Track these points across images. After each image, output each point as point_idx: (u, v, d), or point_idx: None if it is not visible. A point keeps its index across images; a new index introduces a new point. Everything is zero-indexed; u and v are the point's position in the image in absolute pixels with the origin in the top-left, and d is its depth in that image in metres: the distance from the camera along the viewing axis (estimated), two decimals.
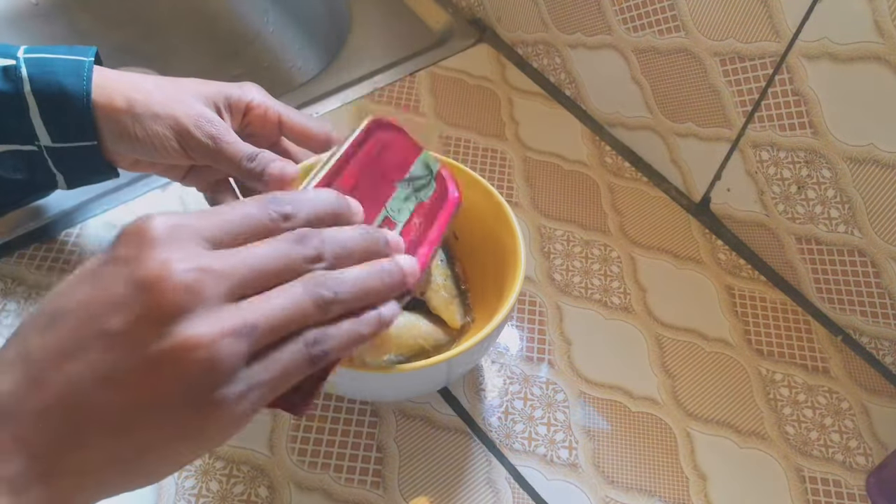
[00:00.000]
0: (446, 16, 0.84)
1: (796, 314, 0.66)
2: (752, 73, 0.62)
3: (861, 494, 0.56)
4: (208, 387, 0.30)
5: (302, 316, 0.33)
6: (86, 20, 0.91)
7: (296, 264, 0.34)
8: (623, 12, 0.69)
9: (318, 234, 0.35)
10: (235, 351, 0.30)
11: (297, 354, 0.33)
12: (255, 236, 0.34)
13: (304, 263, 0.34)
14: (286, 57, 0.93)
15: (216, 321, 0.30)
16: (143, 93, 0.52)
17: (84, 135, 0.51)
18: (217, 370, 0.30)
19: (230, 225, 0.33)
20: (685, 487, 0.55)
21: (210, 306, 0.30)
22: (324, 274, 0.34)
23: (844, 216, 0.61)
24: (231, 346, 0.30)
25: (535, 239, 0.68)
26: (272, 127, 0.56)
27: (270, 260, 0.33)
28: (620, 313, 0.64)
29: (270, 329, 0.32)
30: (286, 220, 0.35)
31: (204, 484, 0.52)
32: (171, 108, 0.52)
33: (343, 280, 0.35)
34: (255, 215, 0.34)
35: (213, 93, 0.54)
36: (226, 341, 0.30)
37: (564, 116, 0.78)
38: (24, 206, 0.62)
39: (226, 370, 0.30)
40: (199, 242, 0.32)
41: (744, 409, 0.60)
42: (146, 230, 0.31)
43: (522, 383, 0.59)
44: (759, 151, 0.64)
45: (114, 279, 0.31)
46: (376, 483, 0.53)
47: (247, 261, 0.32)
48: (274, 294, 0.33)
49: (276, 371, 0.32)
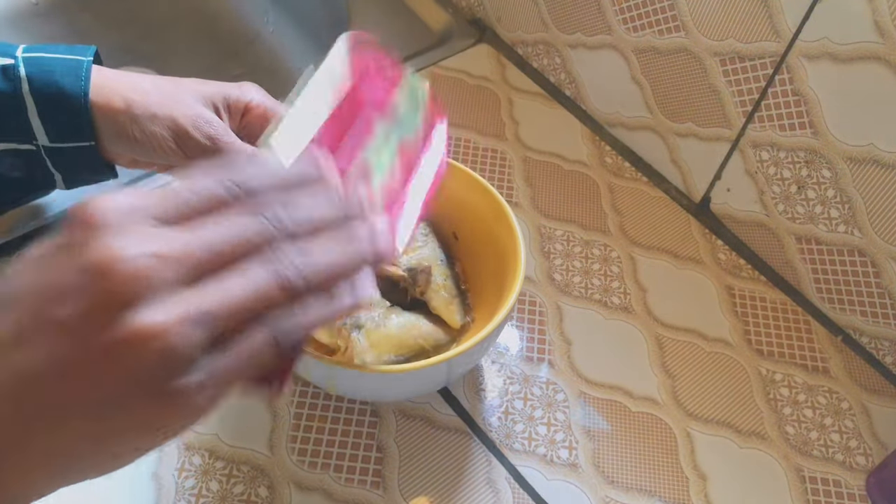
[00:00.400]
0: (446, 16, 0.84)
1: (796, 314, 0.66)
2: (752, 73, 0.62)
3: (861, 494, 0.56)
4: (164, 377, 0.29)
5: (265, 298, 0.31)
6: (86, 20, 0.91)
7: (257, 241, 0.31)
8: (623, 12, 0.69)
9: (283, 207, 0.32)
10: (191, 339, 0.29)
11: (261, 341, 0.31)
12: (211, 211, 0.31)
13: (267, 241, 0.31)
14: (286, 57, 0.93)
15: (170, 308, 0.29)
16: (141, 93, 0.52)
17: (81, 135, 0.51)
18: (172, 359, 0.29)
19: (183, 201, 0.31)
20: (685, 487, 0.55)
21: (163, 292, 0.29)
22: (288, 252, 0.32)
23: (844, 216, 0.61)
24: (186, 335, 0.29)
25: (535, 239, 0.68)
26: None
27: (227, 238, 0.31)
28: (620, 313, 0.64)
29: (229, 314, 0.30)
30: (247, 194, 0.32)
31: (204, 484, 0.52)
32: (170, 109, 0.52)
33: (309, 259, 0.32)
34: (210, 188, 0.31)
35: (212, 93, 0.54)
36: (181, 329, 0.28)
37: (564, 116, 0.78)
38: (23, 205, 0.62)
39: (182, 359, 0.29)
40: (150, 223, 0.30)
41: (744, 409, 0.60)
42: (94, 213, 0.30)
43: (522, 383, 0.59)
44: (759, 151, 0.64)
45: (63, 266, 0.29)
46: (376, 483, 0.53)
47: (203, 239, 0.30)
48: (232, 276, 0.30)
49: (239, 358, 0.30)
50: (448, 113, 0.75)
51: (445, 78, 0.79)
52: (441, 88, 0.77)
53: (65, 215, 0.31)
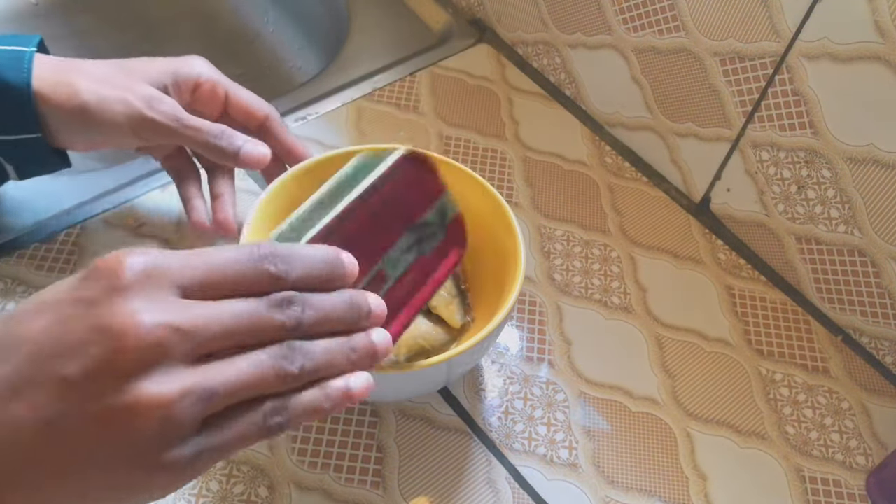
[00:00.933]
0: (446, 16, 0.84)
1: (796, 314, 0.66)
2: (752, 73, 0.62)
3: (861, 494, 0.56)
4: (158, 448, 0.29)
5: (263, 384, 0.32)
6: (86, 20, 0.91)
7: (271, 329, 0.32)
8: (623, 12, 0.69)
9: (302, 301, 0.33)
10: (191, 414, 0.29)
11: (253, 424, 0.31)
12: (238, 290, 0.32)
13: (279, 331, 0.32)
14: (286, 57, 0.93)
15: (176, 381, 0.29)
16: (88, 79, 0.51)
17: (26, 127, 0.50)
18: (170, 432, 0.29)
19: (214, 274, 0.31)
20: (685, 487, 0.55)
21: (172, 365, 0.29)
22: (292, 344, 0.33)
23: (844, 216, 0.61)
24: (187, 409, 0.29)
25: (535, 239, 0.68)
26: (218, 102, 0.57)
27: (245, 322, 0.31)
28: (620, 313, 0.64)
29: (228, 394, 0.31)
30: (275, 281, 0.33)
31: (204, 484, 0.52)
32: (121, 92, 0.51)
33: (311, 353, 0.33)
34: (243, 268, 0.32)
35: (160, 71, 0.54)
36: (183, 404, 0.29)
37: (564, 116, 0.78)
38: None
39: (178, 433, 0.29)
40: (173, 290, 0.30)
41: (744, 409, 0.60)
42: (119, 271, 0.29)
43: (522, 383, 0.59)
44: (759, 151, 0.64)
45: (77, 319, 0.29)
46: (376, 483, 0.53)
47: (220, 318, 0.31)
48: (240, 360, 0.31)
49: (229, 438, 0.31)
50: (448, 113, 0.75)
51: (445, 78, 0.79)
52: (441, 88, 0.78)
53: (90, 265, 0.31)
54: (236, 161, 0.55)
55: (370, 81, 0.77)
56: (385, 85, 0.77)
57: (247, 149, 0.54)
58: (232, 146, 0.54)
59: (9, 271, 0.59)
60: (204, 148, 0.54)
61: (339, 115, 0.74)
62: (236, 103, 0.57)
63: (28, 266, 0.60)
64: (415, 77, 0.78)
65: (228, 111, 0.58)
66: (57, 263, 0.60)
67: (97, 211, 0.64)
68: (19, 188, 0.63)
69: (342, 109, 0.75)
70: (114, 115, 0.51)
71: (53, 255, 0.61)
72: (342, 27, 0.84)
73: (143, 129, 0.52)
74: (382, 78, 0.78)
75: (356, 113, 0.74)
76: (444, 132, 0.74)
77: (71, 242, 0.62)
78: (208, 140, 0.54)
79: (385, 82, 0.77)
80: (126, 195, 0.65)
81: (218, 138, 0.54)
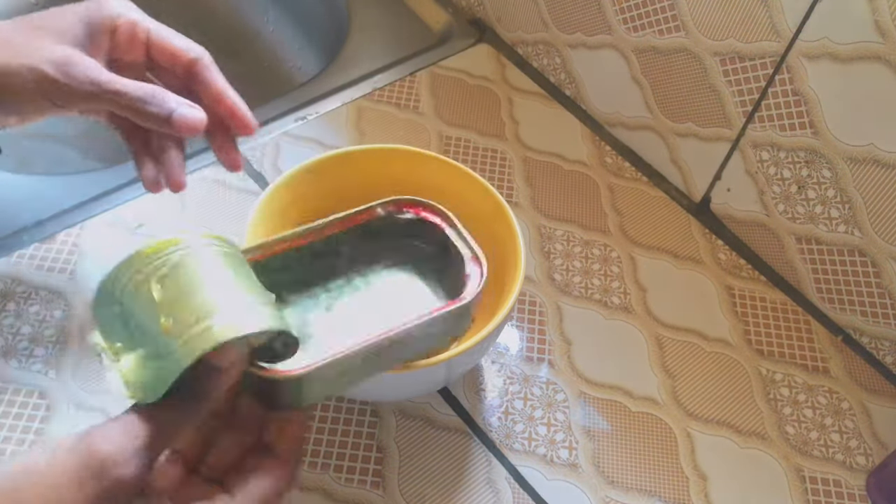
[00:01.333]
0: (446, 16, 0.84)
1: (796, 314, 0.66)
2: (752, 73, 0.62)
3: (861, 494, 0.56)
4: None
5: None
6: None
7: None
8: (623, 12, 0.69)
9: None
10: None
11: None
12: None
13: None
14: (286, 57, 0.93)
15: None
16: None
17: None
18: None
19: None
20: (685, 487, 0.55)
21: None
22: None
23: (844, 216, 0.61)
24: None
25: (535, 239, 0.68)
26: (140, 46, 0.50)
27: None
28: (620, 313, 0.64)
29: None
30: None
31: None
32: (26, 57, 0.45)
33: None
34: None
35: (71, 23, 0.47)
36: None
37: (564, 116, 0.78)
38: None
39: None
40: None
41: (744, 409, 0.60)
42: (122, 478, 0.32)
43: (522, 383, 0.59)
44: (760, 151, 0.64)
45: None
46: (376, 483, 0.53)
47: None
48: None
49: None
50: (448, 113, 0.75)
51: (445, 78, 0.79)
52: (441, 88, 0.77)
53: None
54: (169, 127, 0.47)
55: (370, 81, 0.77)
56: (385, 85, 0.77)
57: (180, 112, 0.47)
58: (162, 111, 0.47)
59: (9, 271, 0.59)
60: (130, 113, 0.47)
61: (339, 115, 0.74)
62: (158, 44, 0.50)
63: (28, 266, 0.60)
64: (415, 77, 0.78)
65: (151, 54, 0.50)
66: (57, 263, 0.60)
67: (97, 211, 0.64)
68: (19, 188, 0.64)
69: (342, 109, 0.75)
70: (23, 86, 0.45)
71: (53, 255, 0.61)
72: (342, 27, 0.83)
73: (58, 98, 0.46)
74: (382, 78, 0.78)
75: (356, 113, 0.74)
76: (444, 132, 0.74)
77: (71, 242, 0.61)
78: (134, 105, 0.46)
79: (385, 82, 0.77)
80: (126, 195, 0.65)
81: (145, 103, 0.46)
